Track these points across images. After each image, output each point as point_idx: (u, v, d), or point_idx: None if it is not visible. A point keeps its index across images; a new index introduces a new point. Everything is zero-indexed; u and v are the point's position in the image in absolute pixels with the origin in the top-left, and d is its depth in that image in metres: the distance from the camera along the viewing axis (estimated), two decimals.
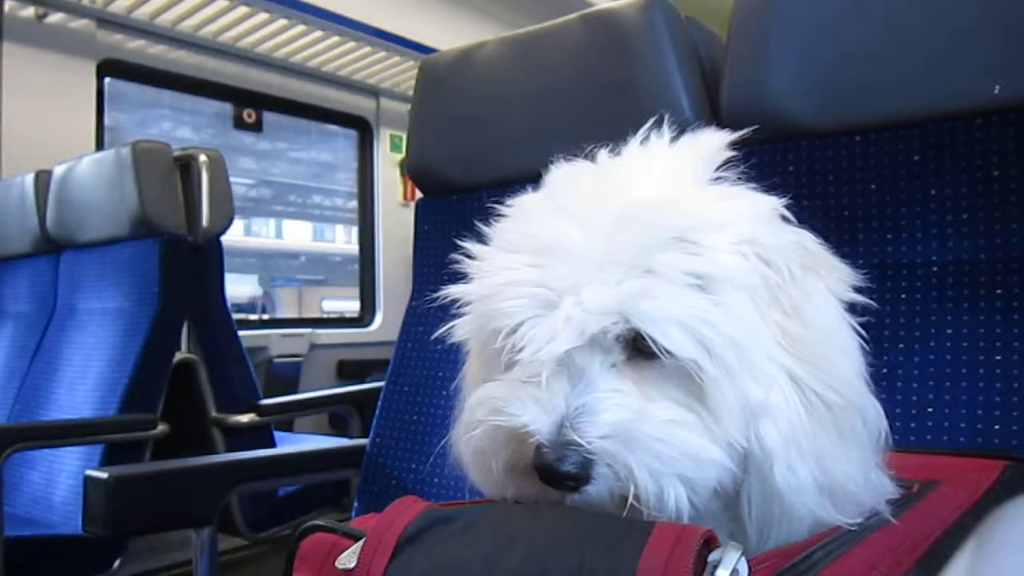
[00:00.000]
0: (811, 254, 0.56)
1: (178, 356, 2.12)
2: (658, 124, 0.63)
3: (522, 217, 0.58)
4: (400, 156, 3.77)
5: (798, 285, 0.54)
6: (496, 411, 0.53)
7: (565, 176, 0.60)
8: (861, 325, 0.56)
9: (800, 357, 0.52)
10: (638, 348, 0.52)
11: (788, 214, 0.57)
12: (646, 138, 0.61)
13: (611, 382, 0.51)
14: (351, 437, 2.26)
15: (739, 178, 0.59)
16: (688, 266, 0.51)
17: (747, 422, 0.51)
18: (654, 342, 0.50)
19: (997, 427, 0.85)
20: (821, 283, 0.56)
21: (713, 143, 0.60)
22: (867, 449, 0.55)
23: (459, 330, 0.60)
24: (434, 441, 1.20)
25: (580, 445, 0.48)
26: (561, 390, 0.51)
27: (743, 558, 0.39)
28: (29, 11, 2.63)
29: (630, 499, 0.48)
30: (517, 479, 0.53)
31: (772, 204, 0.57)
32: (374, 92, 3.76)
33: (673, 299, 0.50)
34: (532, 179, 0.64)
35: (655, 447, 0.48)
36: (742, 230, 0.53)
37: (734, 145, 0.61)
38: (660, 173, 0.57)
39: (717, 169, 0.59)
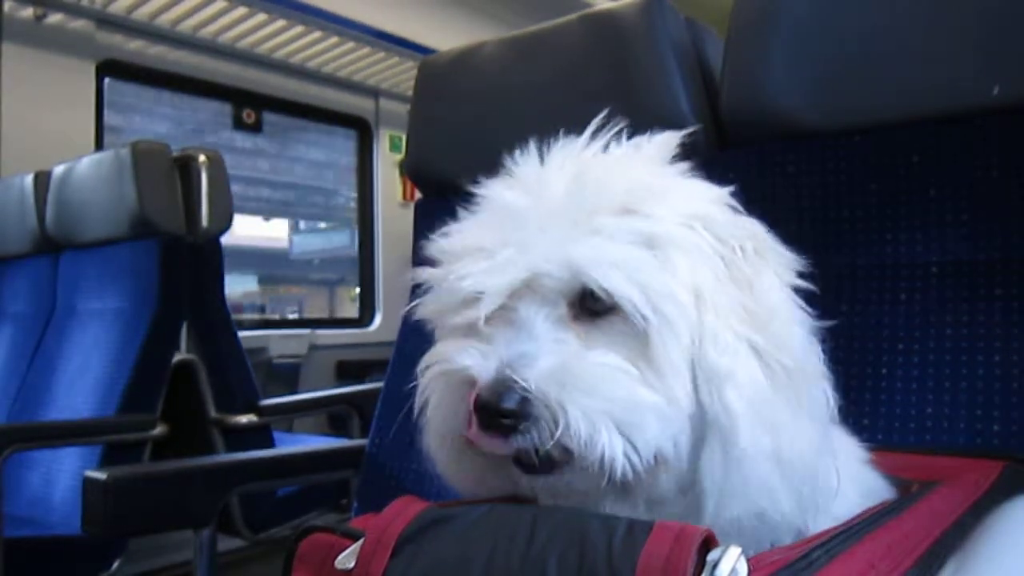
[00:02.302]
0: (759, 239, 0.58)
1: (177, 356, 2.12)
2: (651, 125, 0.64)
3: (485, 195, 0.61)
4: (399, 156, 3.77)
5: (750, 263, 0.56)
6: (442, 363, 0.55)
7: (528, 159, 0.62)
8: (858, 325, 0.57)
9: (756, 328, 0.54)
10: (584, 307, 0.54)
11: (736, 204, 0.59)
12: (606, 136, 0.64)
13: (554, 333, 0.53)
14: (350, 437, 2.26)
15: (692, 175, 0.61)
16: (633, 226, 0.53)
17: (709, 387, 0.52)
18: (596, 287, 0.52)
19: (996, 428, 0.85)
20: (767, 266, 0.58)
21: (668, 141, 0.62)
22: (820, 419, 0.57)
23: (422, 309, 0.62)
24: None
25: (516, 383, 0.50)
26: (504, 340, 0.53)
27: (742, 557, 0.39)
28: (28, 11, 2.63)
29: (554, 439, 0.49)
30: (469, 450, 0.55)
31: (721, 193, 0.59)
32: (373, 92, 3.77)
33: (615, 249, 0.53)
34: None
35: (589, 387, 0.50)
36: (691, 206, 0.56)
37: (730, 145, 0.63)
38: (616, 158, 0.61)
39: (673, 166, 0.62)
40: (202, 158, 2.11)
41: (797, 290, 0.59)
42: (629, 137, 0.64)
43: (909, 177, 0.95)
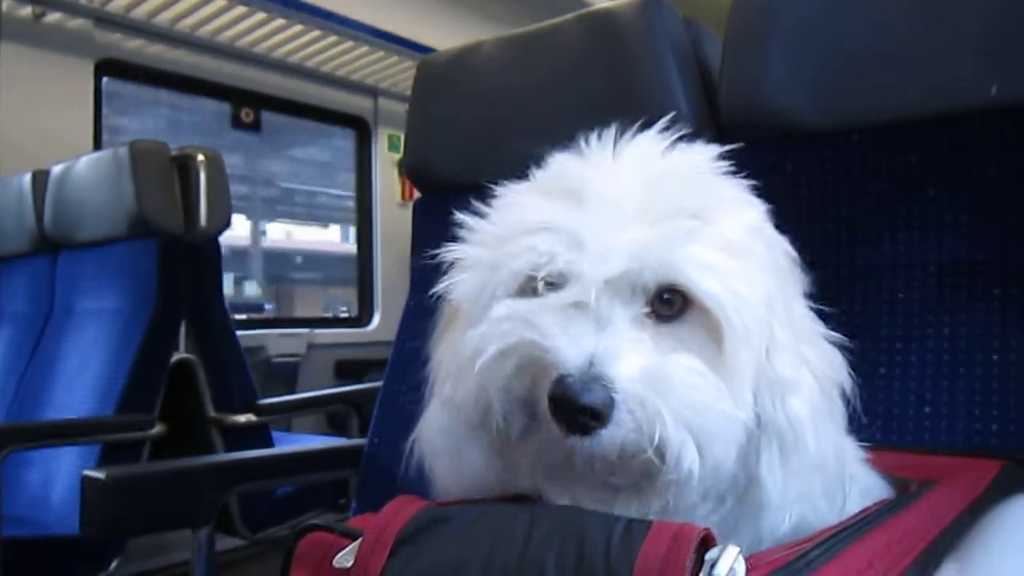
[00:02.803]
0: (791, 257, 0.59)
1: (176, 356, 2.12)
2: (649, 125, 0.63)
3: (551, 170, 0.59)
4: (398, 156, 3.76)
5: (793, 279, 0.58)
6: (525, 327, 0.50)
7: (601, 146, 0.60)
8: (858, 325, 0.57)
9: (802, 341, 0.55)
10: (656, 308, 0.52)
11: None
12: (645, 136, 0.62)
13: (634, 332, 0.50)
14: (349, 437, 2.26)
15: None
16: (717, 232, 0.53)
17: (773, 398, 0.52)
18: (694, 288, 0.51)
19: (995, 427, 0.85)
20: (797, 285, 0.59)
21: (711, 149, 0.61)
22: (843, 429, 0.59)
23: (459, 288, 0.57)
24: None
25: (608, 382, 0.47)
26: (589, 330, 0.49)
27: (740, 556, 0.39)
28: (27, 10, 2.62)
29: (650, 450, 0.47)
30: (520, 418, 0.51)
31: (763, 206, 0.60)
32: (372, 92, 3.76)
33: (708, 254, 0.52)
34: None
35: (684, 394, 0.48)
36: (752, 219, 0.56)
37: (730, 146, 0.62)
38: (681, 160, 0.59)
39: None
40: (201, 157, 2.11)
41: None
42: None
43: (908, 177, 0.95)
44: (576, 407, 0.46)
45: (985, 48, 0.88)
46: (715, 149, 0.61)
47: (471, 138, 1.27)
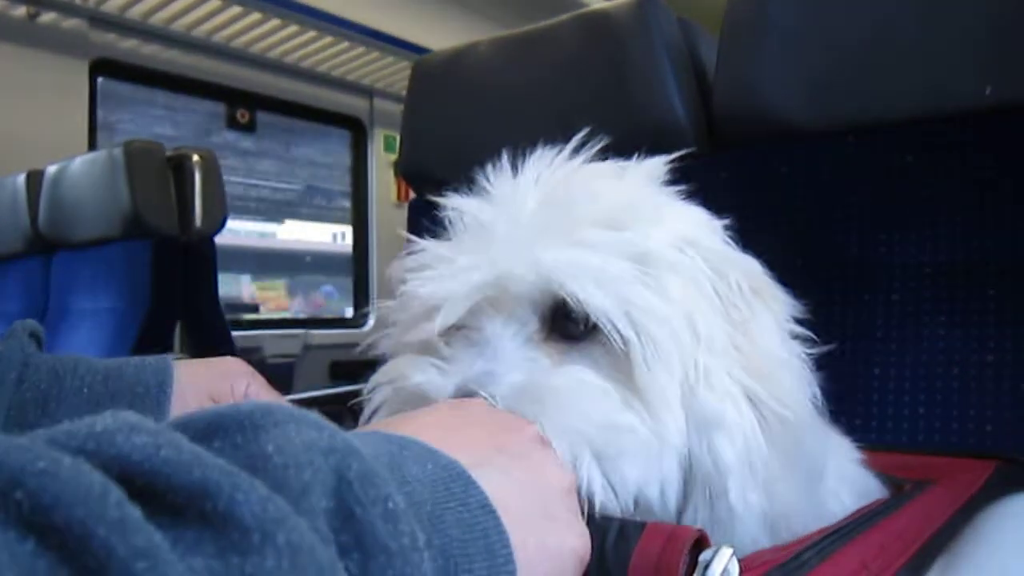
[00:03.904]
0: (756, 277, 0.53)
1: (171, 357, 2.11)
2: (645, 125, 0.62)
3: (456, 210, 0.56)
4: (394, 156, 3.76)
5: (746, 301, 0.51)
6: (394, 379, 0.50)
7: (501, 173, 0.57)
8: (852, 325, 0.56)
9: (752, 373, 0.48)
10: (559, 328, 0.49)
11: (730, 240, 0.55)
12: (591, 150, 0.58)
13: (524, 352, 0.48)
14: None
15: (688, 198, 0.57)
16: (622, 239, 0.48)
17: (699, 433, 0.47)
18: (571, 298, 0.46)
19: (989, 427, 0.85)
20: (765, 308, 0.52)
21: (658, 163, 0.57)
22: (810, 471, 0.52)
23: (386, 340, 0.57)
24: None
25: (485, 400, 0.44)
26: (467, 358, 0.48)
27: (734, 558, 0.39)
28: (21, 10, 2.61)
29: None
30: None
31: (718, 223, 0.55)
32: (368, 92, 3.76)
33: (596, 259, 0.47)
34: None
35: (568, 403, 0.45)
36: (686, 231, 0.51)
37: (723, 145, 0.61)
38: (604, 173, 0.56)
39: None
40: (196, 158, 2.10)
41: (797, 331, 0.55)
42: (618, 147, 0.59)
43: (902, 178, 0.95)
44: None
45: (980, 49, 0.88)
46: (662, 160, 0.57)
47: (467, 138, 1.27)
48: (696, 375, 0.47)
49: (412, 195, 1.41)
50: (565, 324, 0.49)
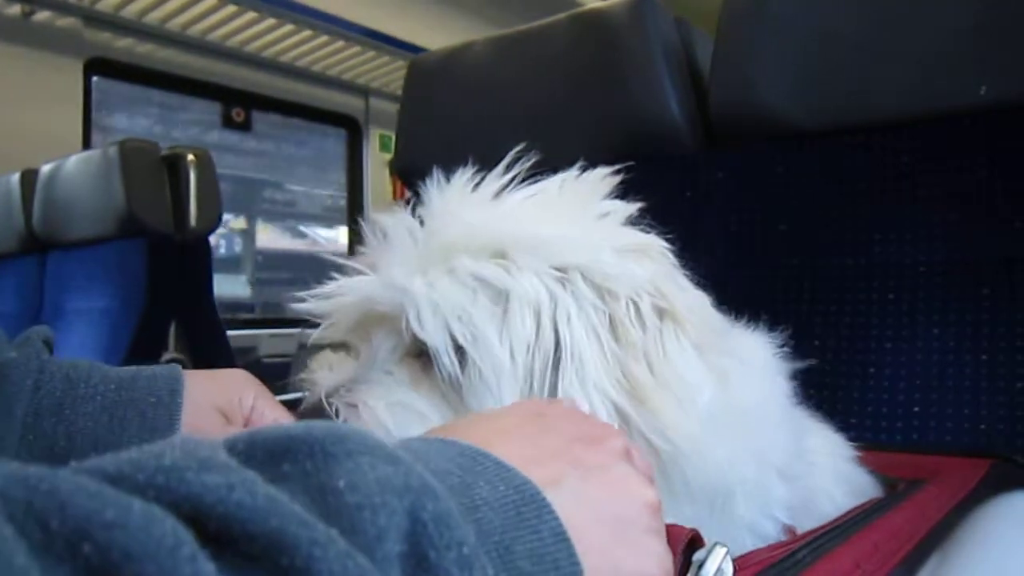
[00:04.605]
0: (667, 298, 0.52)
1: (165, 356, 2.10)
2: (642, 125, 0.62)
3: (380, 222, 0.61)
4: (389, 156, 3.76)
5: (646, 326, 0.51)
6: (308, 371, 0.59)
7: (438, 190, 0.60)
8: (848, 324, 0.56)
9: (636, 398, 0.49)
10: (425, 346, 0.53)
11: (670, 255, 0.55)
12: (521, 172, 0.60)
13: (388, 365, 0.54)
14: None
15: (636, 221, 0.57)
16: (483, 272, 0.51)
17: None
18: (412, 323, 0.51)
19: (983, 427, 0.86)
20: (675, 329, 0.52)
21: (602, 177, 0.58)
22: (700, 507, 0.50)
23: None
24: None
25: (326, 411, 0.52)
26: (356, 363, 0.55)
27: (728, 557, 0.39)
28: (15, 9, 2.61)
29: None
30: None
31: (647, 242, 0.55)
32: (363, 92, 3.75)
33: (444, 290, 0.51)
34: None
35: (380, 423, 0.51)
36: (572, 258, 0.52)
37: (718, 145, 0.61)
38: (520, 198, 0.57)
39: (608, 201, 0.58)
40: (191, 157, 2.10)
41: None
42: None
43: (898, 177, 0.95)
44: None
45: (975, 49, 0.88)
46: (599, 176, 0.58)
47: (462, 137, 1.27)
48: (545, 392, 0.49)
49: (407, 194, 1.40)
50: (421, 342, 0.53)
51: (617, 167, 0.58)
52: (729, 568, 0.39)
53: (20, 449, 0.53)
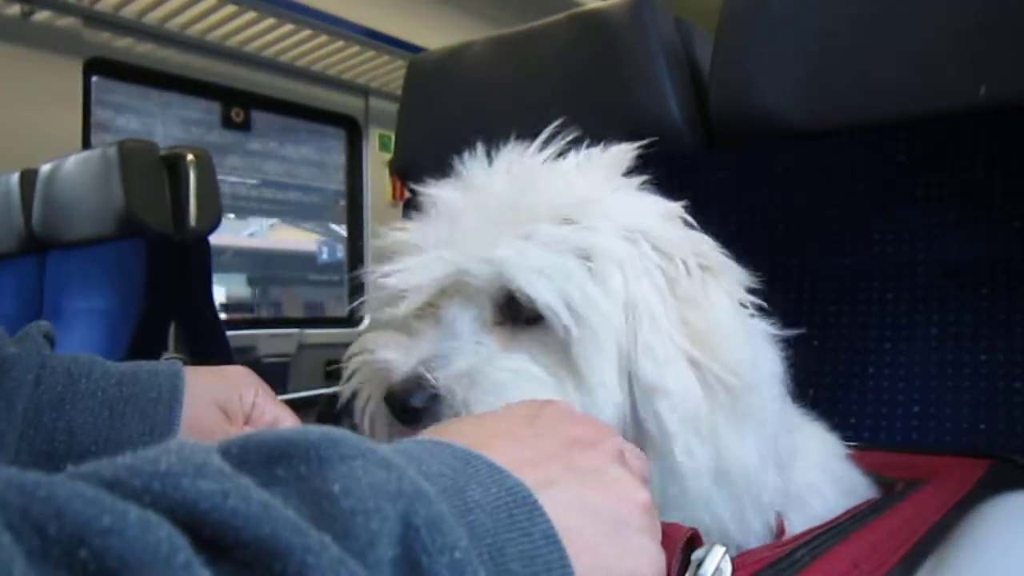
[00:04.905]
0: (706, 256, 0.57)
1: (165, 356, 2.10)
2: (640, 125, 0.63)
3: (430, 196, 0.61)
4: (389, 156, 3.76)
5: (694, 280, 0.55)
6: (365, 353, 0.57)
7: (476, 162, 0.63)
8: (846, 324, 0.56)
9: (697, 343, 0.53)
10: (511, 313, 0.54)
11: (690, 219, 0.59)
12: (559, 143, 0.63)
13: (475, 335, 0.54)
14: None
15: (652, 186, 0.61)
16: (568, 236, 0.53)
17: (643, 401, 0.51)
18: (518, 291, 0.52)
19: (982, 426, 0.86)
20: (716, 282, 0.57)
21: (623, 152, 0.62)
22: (766, 433, 0.55)
23: (365, 306, 0.63)
24: None
25: (428, 381, 0.51)
26: (427, 338, 0.54)
27: (727, 556, 0.39)
28: (15, 9, 2.61)
29: None
30: (379, 422, 0.56)
31: (673, 208, 0.59)
32: (363, 91, 3.75)
33: (543, 255, 0.52)
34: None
35: (495, 389, 0.50)
36: (633, 221, 0.55)
37: (718, 144, 0.62)
38: (566, 167, 0.60)
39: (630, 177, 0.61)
40: (190, 156, 2.10)
41: (767, 297, 0.59)
42: (601, 140, 0.63)
43: (896, 177, 0.95)
44: (401, 407, 0.51)
45: (974, 49, 0.88)
46: (625, 149, 0.62)
47: (462, 138, 1.27)
48: (636, 352, 0.52)
49: (407, 194, 1.40)
50: (516, 311, 0.54)
51: (635, 144, 0.62)
52: (728, 567, 0.39)
53: (20, 444, 0.53)
